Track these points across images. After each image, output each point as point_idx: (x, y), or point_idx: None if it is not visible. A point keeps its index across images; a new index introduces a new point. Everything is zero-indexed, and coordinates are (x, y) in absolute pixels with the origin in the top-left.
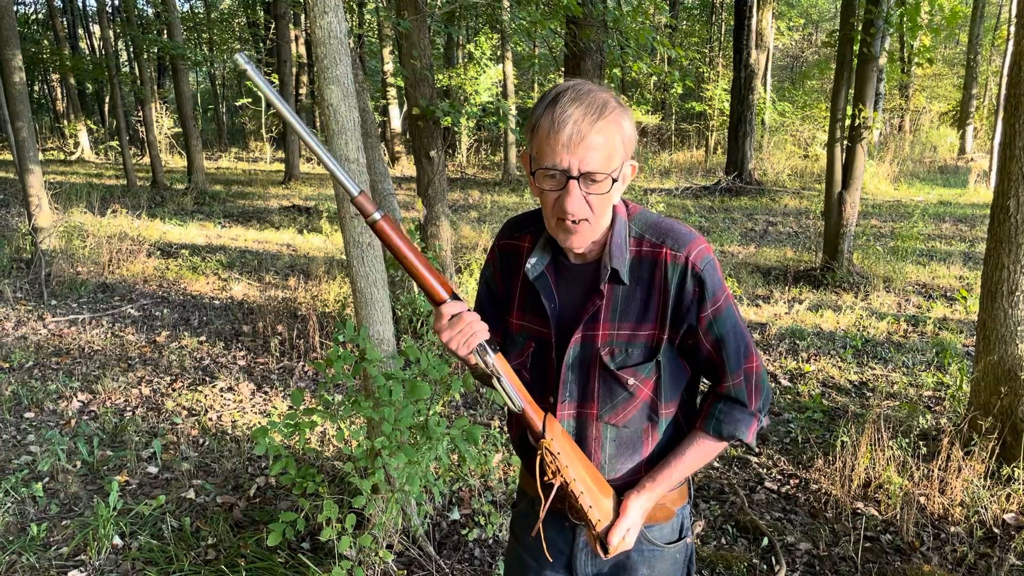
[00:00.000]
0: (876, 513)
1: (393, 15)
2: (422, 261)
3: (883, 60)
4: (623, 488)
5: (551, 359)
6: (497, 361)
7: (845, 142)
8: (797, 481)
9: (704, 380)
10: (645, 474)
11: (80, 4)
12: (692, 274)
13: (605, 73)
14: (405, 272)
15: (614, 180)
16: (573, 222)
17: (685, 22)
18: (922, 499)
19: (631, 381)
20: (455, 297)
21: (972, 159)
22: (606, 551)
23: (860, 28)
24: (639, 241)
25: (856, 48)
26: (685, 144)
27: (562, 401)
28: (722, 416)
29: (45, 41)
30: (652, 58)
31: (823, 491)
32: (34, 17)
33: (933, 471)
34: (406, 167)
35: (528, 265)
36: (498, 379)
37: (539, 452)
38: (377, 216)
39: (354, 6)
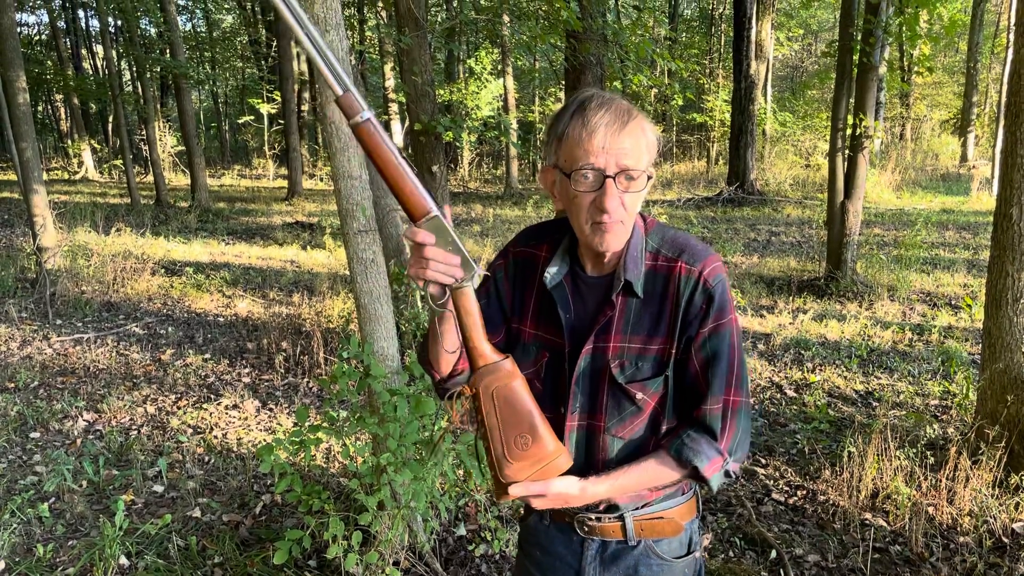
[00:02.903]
0: (885, 524)
1: (394, 32)
2: (410, 171)
3: (883, 69)
4: (628, 503)
5: (564, 370)
6: (459, 296)
7: (847, 151)
8: (804, 492)
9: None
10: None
11: (83, 25)
12: (702, 289)
13: (605, 86)
14: (387, 184)
15: (649, 177)
16: (609, 223)
17: (684, 34)
18: (930, 509)
19: (639, 395)
20: (432, 220)
21: (974, 166)
22: (497, 496)
23: (859, 38)
24: (655, 255)
25: (856, 58)
26: (686, 155)
27: (572, 412)
28: (688, 440)
29: (49, 62)
30: (652, 70)
31: (831, 502)
32: (38, 38)
33: (941, 481)
34: None
35: (547, 275)
36: (456, 317)
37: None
38: (360, 119)
39: (355, 23)
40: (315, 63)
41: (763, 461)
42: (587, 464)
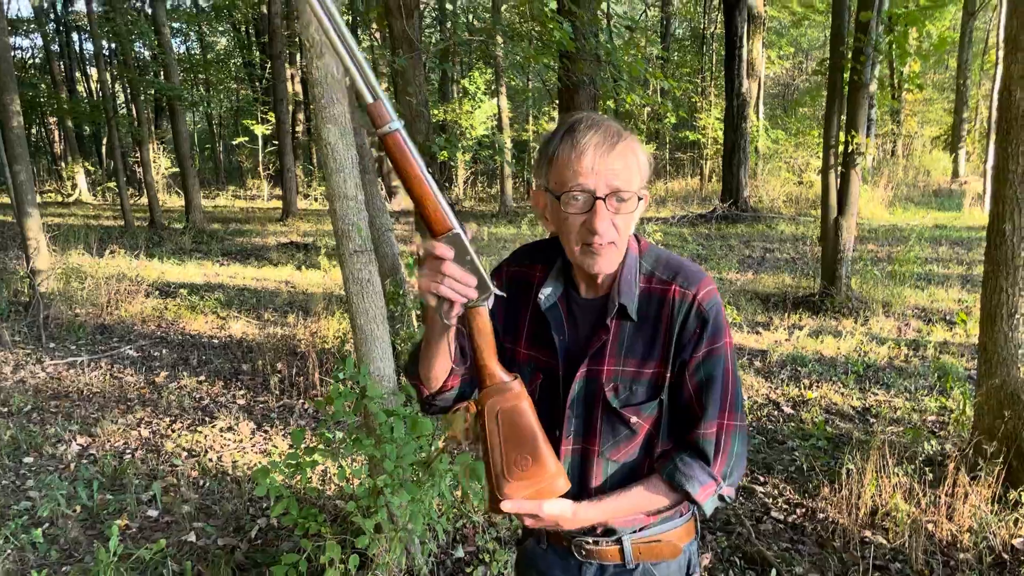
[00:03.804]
0: (884, 541)
1: (388, 53)
2: (435, 185)
3: (873, 87)
4: (626, 527)
5: (558, 392)
6: (474, 316)
7: (839, 168)
8: (804, 510)
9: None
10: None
11: (77, 48)
12: (696, 312)
13: (599, 105)
14: (410, 197)
15: (640, 199)
16: (600, 245)
17: (676, 53)
18: (930, 526)
19: (633, 419)
20: (453, 236)
21: (966, 182)
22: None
23: (850, 56)
24: (649, 278)
25: (846, 76)
26: (680, 173)
27: (567, 436)
28: (680, 464)
29: (43, 85)
30: (645, 89)
31: (830, 520)
32: (31, 62)
33: (940, 497)
34: (404, 201)
35: (541, 296)
36: (467, 336)
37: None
38: (388, 128)
39: None
40: (348, 69)
41: (762, 479)
42: (581, 487)
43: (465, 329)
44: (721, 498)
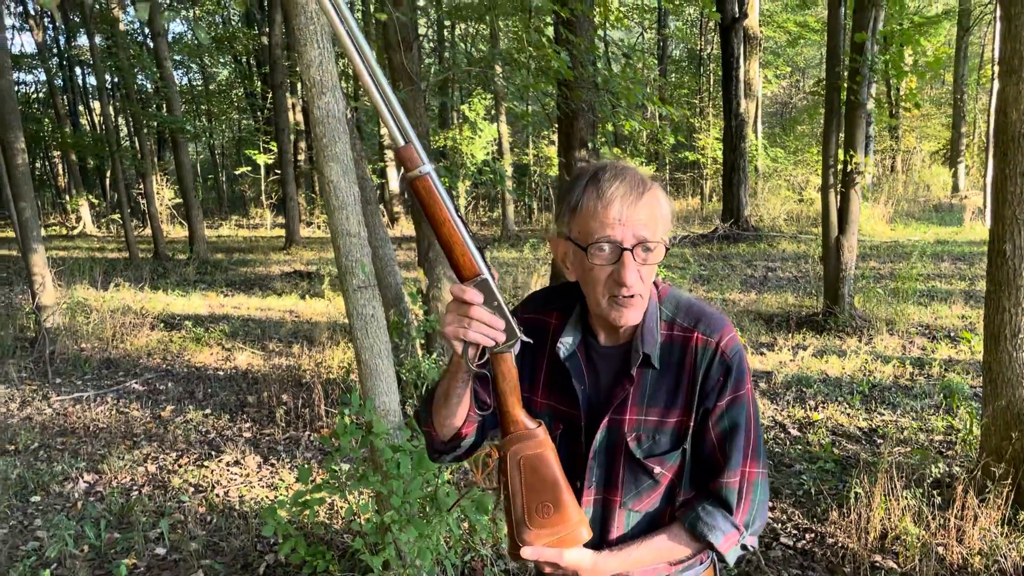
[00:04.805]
0: (895, 566)
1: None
2: (464, 230)
3: (871, 105)
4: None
5: (580, 442)
6: (500, 361)
7: (839, 187)
8: (813, 535)
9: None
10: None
11: (80, 82)
12: (720, 360)
13: (598, 129)
14: (438, 241)
15: (667, 248)
16: (627, 296)
17: (674, 75)
18: (940, 549)
19: (657, 469)
20: (481, 282)
21: (966, 196)
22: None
23: (846, 76)
24: (670, 324)
25: (843, 95)
26: (680, 193)
27: (588, 487)
28: (703, 514)
29: (46, 120)
30: (643, 112)
31: (840, 544)
32: (35, 96)
33: (949, 520)
34: (405, 227)
35: (561, 346)
36: (492, 382)
37: (487, 451)
38: (418, 172)
39: (350, 72)
40: (380, 112)
41: (770, 504)
42: (601, 538)
43: (490, 375)
44: (744, 547)
